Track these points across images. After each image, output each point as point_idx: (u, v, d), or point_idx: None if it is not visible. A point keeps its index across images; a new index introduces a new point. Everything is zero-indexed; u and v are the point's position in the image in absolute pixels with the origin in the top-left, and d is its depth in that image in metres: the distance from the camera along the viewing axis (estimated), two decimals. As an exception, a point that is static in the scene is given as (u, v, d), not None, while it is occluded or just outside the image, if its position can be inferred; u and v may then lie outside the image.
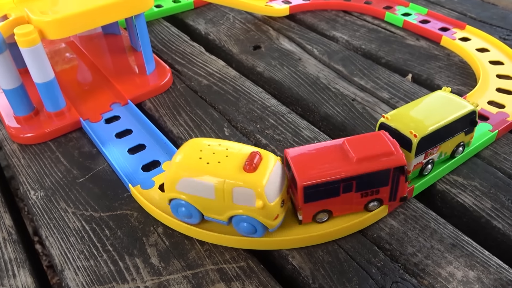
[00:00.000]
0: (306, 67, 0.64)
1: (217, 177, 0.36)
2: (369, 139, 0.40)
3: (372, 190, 0.39)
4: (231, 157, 0.37)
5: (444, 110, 0.43)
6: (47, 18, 0.48)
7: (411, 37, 0.71)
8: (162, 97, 0.58)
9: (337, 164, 0.38)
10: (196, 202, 0.38)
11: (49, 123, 0.53)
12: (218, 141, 0.40)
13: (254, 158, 0.37)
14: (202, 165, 0.37)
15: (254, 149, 0.38)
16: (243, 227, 0.38)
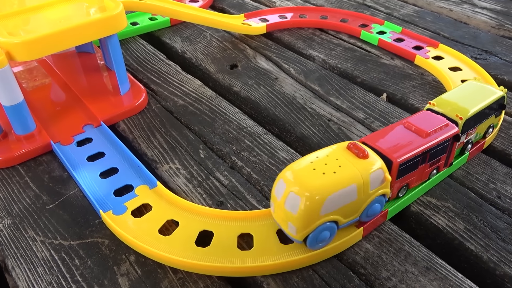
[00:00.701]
0: (282, 87, 0.64)
1: (353, 177, 0.37)
2: (425, 117, 0.45)
3: (438, 159, 0.44)
4: (335, 157, 0.38)
5: (479, 96, 0.49)
6: (16, 40, 0.46)
7: (386, 56, 0.71)
8: (136, 118, 0.57)
9: (414, 141, 0.42)
10: (341, 213, 0.38)
11: (18, 146, 0.51)
12: (307, 158, 0.39)
13: (357, 146, 0.39)
14: (331, 177, 0.37)
15: (343, 144, 0.40)
16: (375, 209, 0.40)
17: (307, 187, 0.36)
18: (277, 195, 0.38)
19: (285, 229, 0.38)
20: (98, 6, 0.55)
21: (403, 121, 0.45)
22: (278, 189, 0.38)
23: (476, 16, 0.86)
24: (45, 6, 0.55)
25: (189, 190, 0.47)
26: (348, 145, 0.40)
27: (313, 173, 0.37)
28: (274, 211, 0.39)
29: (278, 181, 0.38)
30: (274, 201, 0.38)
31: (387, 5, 0.91)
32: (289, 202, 0.36)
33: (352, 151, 0.39)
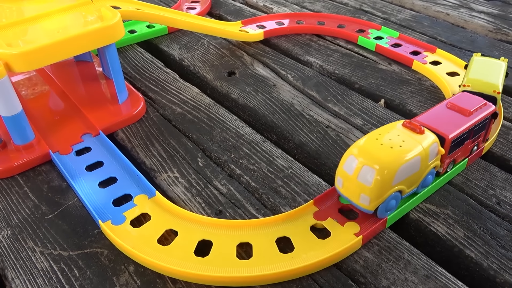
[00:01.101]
0: (280, 93, 0.64)
1: (417, 150, 0.41)
2: (464, 98, 0.49)
3: (478, 136, 0.49)
4: (396, 134, 0.43)
5: (493, 69, 0.56)
6: (14, 51, 0.46)
7: (384, 62, 0.72)
8: (135, 126, 0.57)
9: (459, 119, 0.47)
10: (406, 184, 0.42)
11: (17, 156, 0.51)
12: (371, 136, 0.43)
13: (413, 123, 0.43)
14: (399, 150, 0.41)
15: (398, 123, 0.44)
16: (428, 181, 0.45)
17: (380, 160, 0.40)
18: (347, 170, 0.41)
19: (356, 201, 0.41)
20: (95, 16, 0.55)
21: (445, 102, 0.49)
22: (349, 165, 0.41)
23: (474, 20, 0.86)
24: (43, 16, 0.55)
25: (187, 199, 0.47)
26: (403, 123, 0.44)
27: (382, 147, 0.41)
28: (343, 186, 0.42)
29: (347, 158, 0.42)
30: (344, 177, 0.42)
31: (384, 10, 0.91)
32: (363, 175, 0.40)
33: (409, 128, 0.43)
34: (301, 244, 0.41)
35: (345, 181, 0.42)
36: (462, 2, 0.94)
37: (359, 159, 0.40)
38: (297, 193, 0.47)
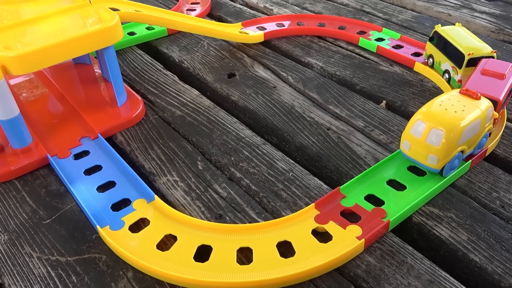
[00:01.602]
0: (281, 95, 0.63)
1: (477, 113, 0.46)
2: (491, 63, 0.55)
3: (509, 95, 0.54)
4: (456, 100, 0.47)
5: (465, 35, 0.61)
6: (11, 54, 0.46)
7: (385, 63, 0.71)
8: (134, 129, 0.57)
9: (498, 83, 0.52)
10: (467, 144, 0.47)
11: (15, 160, 0.51)
12: (434, 102, 0.47)
13: (470, 91, 0.48)
14: (462, 114, 0.45)
15: (456, 91, 0.49)
16: (483, 142, 0.49)
17: (447, 122, 0.45)
18: (415, 134, 0.46)
19: (424, 161, 0.46)
20: (94, 18, 0.55)
21: (478, 70, 0.54)
22: (417, 129, 0.46)
23: (475, 20, 0.85)
24: (41, 18, 0.54)
25: (187, 203, 0.46)
26: (460, 90, 0.49)
27: (447, 112, 0.46)
28: (409, 149, 0.47)
29: (415, 122, 0.46)
30: (412, 140, 0.47)
31: (385, 11, 0.90)
32: (431, 137, 0.45)
33: (467, 95, 0.48)
34: (302, 248, 0.40)
35: (413, 144, 0.47)
36: (463, 3, 0.93)
37: (426, 123, 0.45)
38: (298, 196, 0.47)
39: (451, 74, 0.61)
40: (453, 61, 0.60)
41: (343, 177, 0.50)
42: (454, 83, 0.61)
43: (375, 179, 0.47)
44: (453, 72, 0.60)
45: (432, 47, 0.65)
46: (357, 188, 0.46)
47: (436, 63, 0.64)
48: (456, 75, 0.60)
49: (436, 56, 0.64)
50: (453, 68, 0.60)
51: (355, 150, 0.53)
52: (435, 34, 0.64)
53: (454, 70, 0.60)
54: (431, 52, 0.65)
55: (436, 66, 0.65)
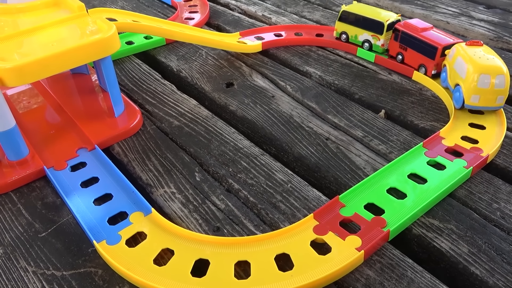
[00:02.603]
0: (279, 105, 0.63)
1: (495, 54, 0.59)
2: (413, 24, 0.69)
3: None
4: (474, 51, 0.59)
5: (374, 8, 0.75)
6: (7, 65, 0.46)
7: (384, 72, 0.71)
8: (131, 140, 0.56)
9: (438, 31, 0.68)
10: None
11: (11, 172, 0.50)
12: (472, 56, 0.58)
13: (473, 41, 0.61)
14: (495, 59, 0.58)
15: (461, 45, 0.61)
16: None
17: (500, 68, 0.56)
18: (483, 86, 0.56)
19: (494, 104, 0.57)
20: (91, 28, 0.54)
21: (417, 32, 0.67)
22: (484, 81, 0.56)
23: (474, 28, 0.85)
24: (38, 29, 0.54)
25: (184, 215, 0.46)
26: (466, 43, 0.61)
27: (488, 61, 0.57)
28: (479, 100, 0.57)
29: (479, 77, 0.56)
30: (481, 92, 0.56)
31: (383, 19, 0.90)
32: (498, 83, 0.55)
33: (474, 45, 0.60)
34: (301, 261, 0.39)
35: (482, 95, 0.56)
36: (462, 10, 0.94)
37: (489, 74, 0.55)
38: (297, 208, 0.46)
39: (372, 42, 0.72)
40: (372, 31, 0.71)
41: (342, 188, 0.49)
42: (377, 48, 0.73)
43: (375, 187, 0.47)
44: (374, 40, 0.72)
45: (343, 25, 0.75)
46: (356, 197, 0.46)
47: (352, 37, 0.75)
48: (378, 41, 0.72)
49: (351, 32, 0.75)
50: (373, 36, 0.72)
51: (354, 161, 0.52)
52: (345, 13, 0.74)
53: (375, 38, 0.72)
54: (343, 30, 0.76)
55: (352, 40, 0.75)
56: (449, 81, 0.61)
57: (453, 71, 0.60)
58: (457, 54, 0.60)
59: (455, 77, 0.59)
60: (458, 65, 0.59)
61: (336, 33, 0.76)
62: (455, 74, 0.59)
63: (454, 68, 0.60)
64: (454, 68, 0.60)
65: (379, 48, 0.72)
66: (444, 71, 0.63)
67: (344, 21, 0.74)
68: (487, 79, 0.55)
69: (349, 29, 0.74)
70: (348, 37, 0.75)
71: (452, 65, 0.61)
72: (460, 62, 0.58)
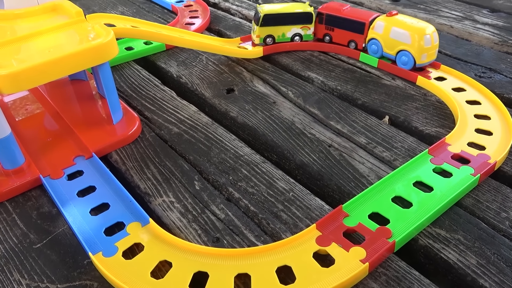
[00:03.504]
0: (281, 111, 0.62)
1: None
2: (331, 7, 0.75)
3: None
4: (402, 18, 0.69)
5: (290, 4, 0.77)
6: (2, 72, 0.45)
7: (387, 77, 0.70)
8: (129, 147, 0.55)
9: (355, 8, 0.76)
10: None
11: (6, 181, 0.49)
12: (403, 23, 0.67)
13: (391, 13, 0.69)
14: (420, 22, 0.68)
15: (382, 17, 0.69)
16: None
17: (432, 27, 0.66)
18: (428, 44, 0.65)
19: (434, 57, 0.68)
20: (88, 34, 0.53)
21: (341, 14, 0.73)
22: (427, 41, 0.65)
23: (478, 32, 0.84)
24: (35, 35, 0.53)
25: (183, 225, 0.44)
26: (386, 15, 0.69)
27: (419, 22, 0.67)
28: (427, 57, 0.66)
29: (424, 39, 0.65)
30: (427, 50, 0.65)
31: (386, 23, 0.89)
32: (435, 39, 0.66)
33: (393, 15, 0.68)
34: (303, 274, 0.38)
35: (428, 52, 0.65)
36: (466, 14, 0.92)
37: (428, 34, 0.65)
38: (299, 218, 0.45)
39: (303, 33, 0.75)
40: (301, 23, 0.74)
41: (345, 197, 0.48)
42: (308, 37, 0.76)
43: (379, 196, 0.46)
44: (304, 31, 0.75)
45: (267, 29, 0.74)
46: (360, 206, 0.45)
47: (279, 37, 0.75)
48: (308, 31, 0.75)
49: (277, 32, 0.74)
50: (303, 27, 0.74)
51: (357, 168, 0.51)
52: (267, 16, 0.72)
53: (305, 29, 0.75)
54: (268, 33, 0.74)
55: (280, 39, 0.75)
56: (387, 51, 0.68)
57: (390, 40, 0.67)
58: (390, 25, 0.67)
59: (395, 45, 0.67)
60: (397, 34, 0.66)
61: (260, 39, 0.74)
62: (395, 42, 0.67)
63: (392, 37, 0.67)
64: (392, 37, 0.67)
65: (310, 36, 0.76)
66: (374, 44, 0.70)
67: (267, 24, 0.73)
68: (429, 38, 0.64)
69: (274, 30, 0.74)
70: (274, 39, 0.75)
71: (387, 36, 0.68)
72: (398, 31, 0.66)
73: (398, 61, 0.68)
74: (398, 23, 0.67)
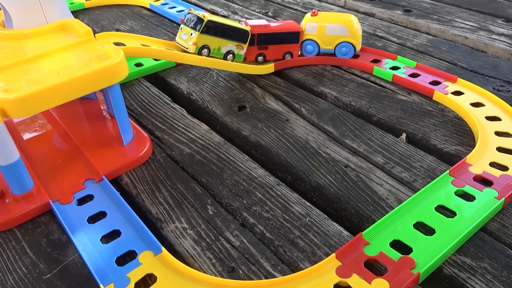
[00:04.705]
0: (294, 129, 0.60)
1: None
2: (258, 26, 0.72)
3: None
4: (328, 14, 0.76)
5: (226, 19, 0.71)
6: (10, 96, 0.44)
7: (402, 91, 0.68)
8: (140, 170, 0.54)
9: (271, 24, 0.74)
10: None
11: (16, 207, 0.48)
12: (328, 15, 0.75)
13: (314, 12, 0.73)
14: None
15: (307, 18, 0.74)
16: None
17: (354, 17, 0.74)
18: (360, 32, 0.74)
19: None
20: (98, 54, 0.52)
21: (271, 28, 0.72)
22: (360, 29, 0.73)
23: (494, 43, 0.82)
24: (44, 55, 0.52)
25: (197, 254, 0.43)
26: (311, 14, 0.73)
27: (348, 16, 0.74)
28: (360, 43, 0.75)
29: (357, 28, 0.73)
30: (360, 37, 0.74)
31: (399, 35, 0.88)
32: (359, 29, 0.74)
33: (317, 13, 0.73)
34: (324, 308, 0.36)
35: (361, 39, 0.74)
36: (480, 25, 0.90)
37: (358, 23, 0.73)
38: (317, 245, 0.43)
39: (236, 52, 0.70)
40: (237, 40, 0.69)
41: (364, 221, 0.46)
42: (239, 58, 0.71)
43: (400, 222, 0.44)
44: (238, 49, 0.70)
45: (205, 38, 0.66)
46: (381, 233, 0.43)
47: (215, 50, 0.68)
48: (241, 50, 0.70)
49: (214, 44, 0.67)
50: (237, 46, 0.69)
51: (376, 190, 0.49)
52: (210, 23, 0.65)
53: (238, 47, 0.69)
54: (205, 43, 0.66)
55: (214, 53, 0.68)
56: (325, 47, 0.73)
57: (327, 37, 0.72)
58: (323, 23, 0.72)
59: (334, 39, 0.72)
60: (333, 30, 0.72)
61: (196, 48, 0.66)
62: (333, 37, 0.72)
63: (328, 33, 0.72)
64: (329, 34, 0.72)
65: (241, 57, 0.71)
66: (309, 44, 0.74)
67: (207, 32, 0.66)
68: (359, 26, 0.73)
69: (211, 41, 0.67)
70: (209, 51, 0.67)
71: (323, 34, 0.72)
72: (334, 26, 0.71)
73: (338, 53, 0.74)
74: (329, 20, 0.72)
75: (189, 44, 0.66)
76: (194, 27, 0.65)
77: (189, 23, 0.67)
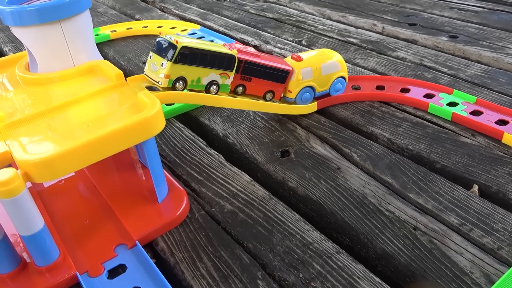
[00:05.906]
0: (347, 180, 0.53)
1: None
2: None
3: None
4: (312, 52, 0.68)
5: (206, 41, 0.57)
6: (34, 158, 0.38)
7: (465, 132, 0.60)
8: (177, 231, 0.48)
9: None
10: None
11: (39, 281, 0.42)
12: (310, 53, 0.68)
13: (294, 56, 0.65)
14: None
15: (289, 59, 0.66)
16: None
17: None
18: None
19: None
20: (130, 102, 0.47)
21: (257, 57, 0.60)
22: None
23: (557, 73, 0.74)
24: (71, 103, 0.47)
25: None
26: (292, 58, 0.65)
27: (333, 53, 0.68)
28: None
29: (342, 59, 0.68)
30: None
31: (449, 64, 0.81)
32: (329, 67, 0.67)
33: (300, 59, 0.64)
34: None
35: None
36: (537, 52, 0.83)
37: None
38: (395, 336, 0.36)
39: (220, 82, 0.57)
40: (221, 68, 0.56)
41: (447, 302, 0.39)
42: (225, 88, 0.58)
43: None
44: (223, 79, 0.57)
45: (180, 68, 0.52)
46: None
47: (193, 82, 0.54)
48: (227, 79, 0.57)
49: (192, 75, 0.53)
50: (222, 74, 0.56)
51: (455, 261, 0.42)
52: (185, 49, 0.51)
53: (224, 77, 0.57)
54: (180, 75, 0.52)
55: (193, 86, 0.54)
56: (321, 89, 0.66)
57: (323, 78, 0.66)
58: (317, 65, 0.65)
59: (329, 78, 0.66)
60: (327, 69, 0.65)
61: (169, 81, 0.52)
62: (328, 76, 0.66)
63: (324, 74, 0.65)
64: (324, 74, 0.65)
65: (228, 87, 0.58)
66: (307, 92, 0.65)
67: (182, 61, 0.52)
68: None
69: (189, 72, 0.53)
70: (186, 83, 0.54)
71: (319, 76, 0.65)
72: (327, 66, 0.65)
73: (333, 91, 0.68)
74: (319, 60, 0.66)
75: (160, 77, 0.52)
76: (165, 55, 0.52)
77: (160, 50, 0.53)
